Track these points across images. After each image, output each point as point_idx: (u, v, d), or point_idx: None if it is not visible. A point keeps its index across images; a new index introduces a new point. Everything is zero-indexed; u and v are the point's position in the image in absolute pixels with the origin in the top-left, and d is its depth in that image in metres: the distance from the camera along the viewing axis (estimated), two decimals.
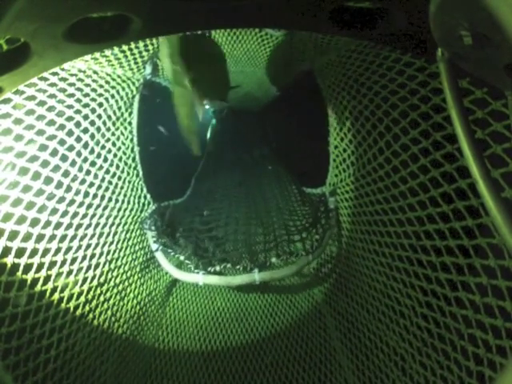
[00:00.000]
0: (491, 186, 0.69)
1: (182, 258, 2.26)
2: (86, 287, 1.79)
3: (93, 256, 1.89)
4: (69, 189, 1.74)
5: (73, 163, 1.77)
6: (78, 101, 1.82)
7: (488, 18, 0.55)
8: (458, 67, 0.78)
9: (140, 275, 2.31)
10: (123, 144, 2.33)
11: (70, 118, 1.76)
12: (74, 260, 1.73)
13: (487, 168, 0.71)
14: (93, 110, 1.96)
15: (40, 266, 1.51)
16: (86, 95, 1.89)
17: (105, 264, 1.98)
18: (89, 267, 1.84)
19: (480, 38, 0.64)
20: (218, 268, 2.14)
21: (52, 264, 1.58)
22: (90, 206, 1.90)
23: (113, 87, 2.13)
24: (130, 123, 2.42)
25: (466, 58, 0.74)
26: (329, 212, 2.37)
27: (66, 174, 1.72)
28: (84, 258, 1.82)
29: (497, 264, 1.14)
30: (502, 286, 1.13)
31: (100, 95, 2.02)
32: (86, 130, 1.89)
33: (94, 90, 1.95)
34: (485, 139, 1.13)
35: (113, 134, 2.19)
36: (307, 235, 2.25)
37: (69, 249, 1.71)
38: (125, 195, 2.29)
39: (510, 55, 0.64)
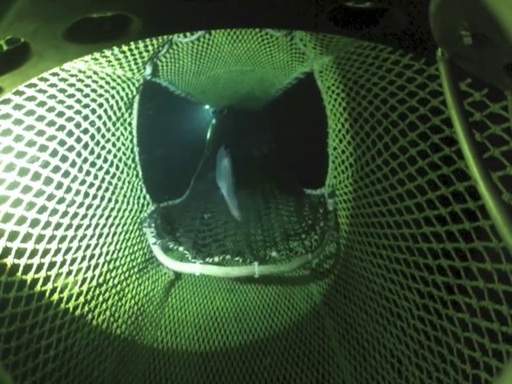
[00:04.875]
0: (491, 186, 0.69)
1: (180, 248, 2.24)
2: (85, 288, 1.79)
3: (92, 256, 1.89)
4: (69, 189, 1.74)
5: (73, 164, 1.78)
6: (78, 101, 1.82)
7: (488, 17, 0.55)
8: (458, 67, 0.78)
9: (138, 276, 2.31)
10: (123, 145, 2.33)
11: (70, 119, 1.76)
12: (73, 260, 1.74)
13: (487, 168, 0.71)
14: (93, 111, 1.96)
15: (40, 267, 1.51)
16: (86, 96, 1.89)
17: (104, 264, 1.98)
18: (88, 268, 1.85)
19: (480, 37, 0.64)
20: (216, 259, 2.12)
21: (52, 264, 1.59)
22: (89, 206, 1.90)
23: (113, 88, 2.13)
24: (129, 124, 2.42)
25: (465, 58, 0.74)
26: (327, 213, 2.37)
27: (66, 174, 1.72)
28: (83, 258, 1.82)
29: (493, 268, 1.14)
30: (498, 289, 1.13)
31: (100, 96, 2.02)
32: (86, 131, 1.90)
33: (94, 91, 1.96)
34: (483, 142, 1.13)
35: (113, 135, 2.19)
36: (306, 236, 2.25)
37: (68, 249, 1.71)
38: (124, 196, 2.29)
39: (510, 55, 0.64)
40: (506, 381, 0.76)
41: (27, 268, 1.44)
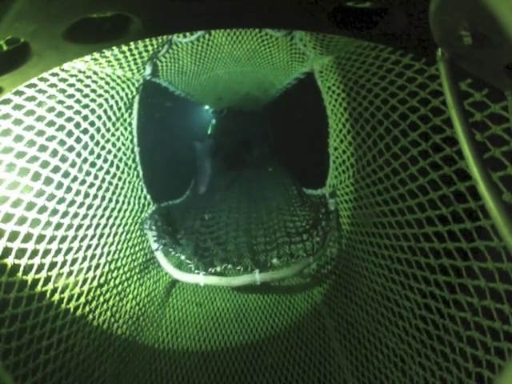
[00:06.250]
0: (491, 186, 0.69)
1: (182, 257, 2.25)
2: (86, 288, 1.79)
3: (93, 257, 1.89)
4: (69, 189, 1.74)
5: (73, 164, 1.78)
6: (78, 102, 1.82)
7: (488, 18, 0.55)
8: (458, 67, 0.78)
9: (139, 276, 2.31)
10: (123, 145, 2.33)
11: (69, 119, 1.76)
12: (74, 261, 1.74)
13: (487, 168, 0.71)
14: (93, 111, 1.96)
15: (40, 267, 1.51)
16: (86, 96, 1.89)
17: (105, 265, 1.98)
18: (89, 268, 1.84)
19: (480, 37, 0.64)
20: (218, 269, 2.13)
21: (52, 265, 1.58)
22: (90, 206, 1.90)
23: (113, 88, 2.13)
24: (129, 124, 2.42)
25: (465, 58, 0.74)
26: (329, 214, 2.37)
27: (66, 174, 1.72)
28: (84, 258, 1.82)
29: (495, 267, 1.14)
30: (500, 288, 1.13)
31: (100, 96, 2.02)
32: (85, 131, 1.89)
33: (93, 91, 1.95)
34: (483, 142, 1.13)
35: (113, 135, 2.19)
36: (308, 237, 2.24)
37: (69, 250, 1.71)
38: (125, 196, 2.28)
39: (510, 55, 0.64)
40: (508, 378, 0.76)
41: (28, 268, 1.44)
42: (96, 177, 1.98)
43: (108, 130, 2.14)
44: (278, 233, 2.42)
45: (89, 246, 1.87)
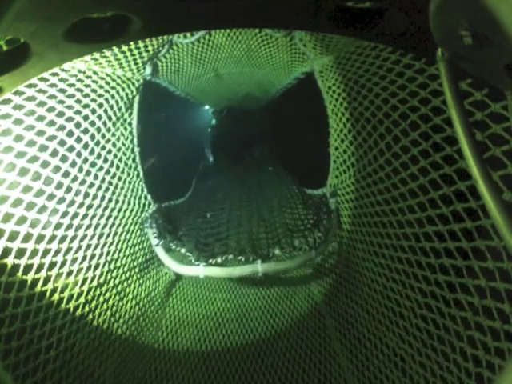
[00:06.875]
0: (491, 185, 0.69)
1: (183, 250, 2.23)
2: (85, 288, 1.79)
3: (93, 257, 1.89)
4: (69, 189, 1.74)
5: (73, 164, 1.77)
6: (78, 101, 1.82)
7: (488, 18, 0.55)
8: (458, 67, 0.78)
9: (139, 276, 2.31)
10: (123, 145, 2.33)
11: (70, 119, 1.76)
12: (74, 261, 1.73)
13: (487, 167, 0.71)
14: (93, 111, 1.96)
15: (40, 267, 1.51)
16: (86, 96, 1.89)
17: (105, 264, 1.97)
18: (89, 268, 1.84)
19: (480, 37, 0.64)
20: (219, 260, 2.10)
21: (52, 265, 1.58)
22: (90, 206, 1.90)
23: (113, 88, 2.13)
24: (130, 124, 2.41)
25: (465, 58, 0.74)
26: (330, 213, 2.37)
27: (66, 174, 1.72)
28: (84, 258, 1.81)
29: (495, 266, 1.14)
30: (500, 288, 1.13)
31: (100, 96, 2.02)
32: (86, 131, 1.89)
33: (94, 91, 1.95)
34: (484, 141, 1.13)
35: (113, 135, 2.19)
36: (309, 234, 2.24)
37: (69, 249, 1.71)
38: (125, 196, 2.28)
39: (510, 55, 0.64)
40: (509, 378, 0.76)
41: (27, 268, 1.44)
42: (96, 177, 1.98)
43: (108, 130, 2.13)
44: (280, 229, 2.41)
45: (88, 246, 1.86)
